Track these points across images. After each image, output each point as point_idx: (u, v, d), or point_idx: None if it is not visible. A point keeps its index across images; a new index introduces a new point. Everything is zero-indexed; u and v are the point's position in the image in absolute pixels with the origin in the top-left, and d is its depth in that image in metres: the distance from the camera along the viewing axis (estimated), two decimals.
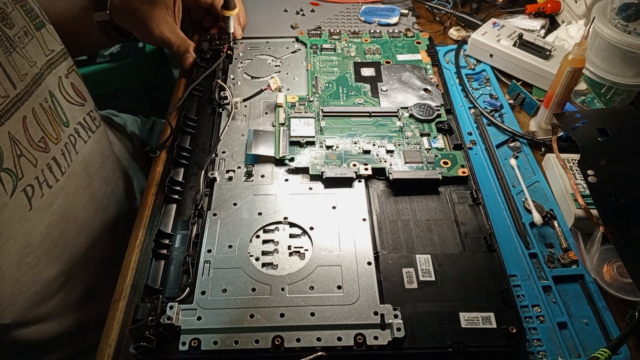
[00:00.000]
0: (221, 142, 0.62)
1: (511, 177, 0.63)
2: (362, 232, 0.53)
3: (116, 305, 0.50)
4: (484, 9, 0.92)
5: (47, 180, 0.61)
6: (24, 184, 0.57)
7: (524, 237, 0.56)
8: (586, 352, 0.48)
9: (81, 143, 0.68)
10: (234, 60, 0.75)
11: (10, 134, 0.56)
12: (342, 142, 0.62)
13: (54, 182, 0.62)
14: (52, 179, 0.61)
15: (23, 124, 0.58)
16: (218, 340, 0.44)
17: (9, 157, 0.55)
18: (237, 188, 0.58)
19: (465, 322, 0.46)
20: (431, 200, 0.57)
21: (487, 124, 0.70)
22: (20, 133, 0.57)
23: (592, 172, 0.56)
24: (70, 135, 0.65)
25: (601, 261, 0.54)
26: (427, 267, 0.50)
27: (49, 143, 0.61)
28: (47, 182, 0.61)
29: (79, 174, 0.66)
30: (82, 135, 0.68)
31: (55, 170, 0.62)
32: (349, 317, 0.46)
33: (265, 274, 0.50)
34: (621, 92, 0.71)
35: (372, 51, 0.77)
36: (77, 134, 0.67)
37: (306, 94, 0.70)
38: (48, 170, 0.61)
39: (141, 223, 0.57)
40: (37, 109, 0.60)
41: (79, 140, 0.67)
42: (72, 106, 0.67)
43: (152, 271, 0.50)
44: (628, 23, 0.66)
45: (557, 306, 0.51)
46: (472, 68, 0.79)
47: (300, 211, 0.55)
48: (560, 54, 0.74)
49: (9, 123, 0.55)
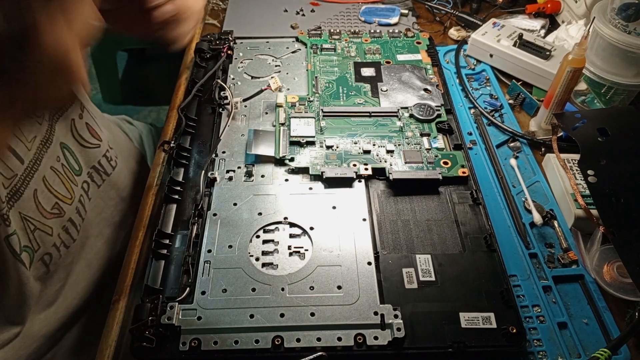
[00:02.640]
0: (221, 142, 0.62)
1: (511, 177, 0.63)
2: (362, 232, 0.53)
3: (116, 305, 0.50)
4: (484, 9, 0.92)
5: (64, 242, 0.56)
6: (41, 254, 0.53)
7: (524, 237, 0.56)
8: (586, 352, 0.48)
9: (94, 189, 0.61)
10: (234, 60, 0.75)
11: (21, 214, 0.50)
12: (342, 142, 0.62)
13: (71, 242, 0.57)
14: (69, 240, 0.57)
15: (34, 199, 0.51)
16: (218, 340, 0.44)
17: (23, 236, 0.50)
18: (237, 188, 0.58)
19: (465, 322, 0.46)
20: (431, 200, 0.57)
21: (487, 124, 0.70)
22: (33, 209, 0.51)
23: (592, 172, 0.56)
24: (84, 183, 0.59)
25: (601, 261, 0.54)
26: (427, 267, 0.50)
27: (63, 206, 0.55)
28: (64, 243, 0.56)
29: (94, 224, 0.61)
30: (95, 179, 0.61)
31: (71, 230, 0.57)
32: (349, 317, 0.46)
33: (265, 274, 0.50)
34: (621, 92, 0.71)
35: (372, 51, 0.77)
36: (90, 178, 0.61)
37: (306, 94, 0.70)
38: (65, 232, 0.56)
39: (141, 223, 0.57)
40: (49, 176, 0.53)
41: (92, 185, 0.61)
42: (87, 150, 0.60)
43: (152, 271, 0.50)
44: (628, 23, 0.66)
45: (557, 306, 0.51)
46: (472, 68, 0.79)
47: (300, 211, 0.55)
48: (560, 54, 0.74)
49: (19, 204, 0.49)
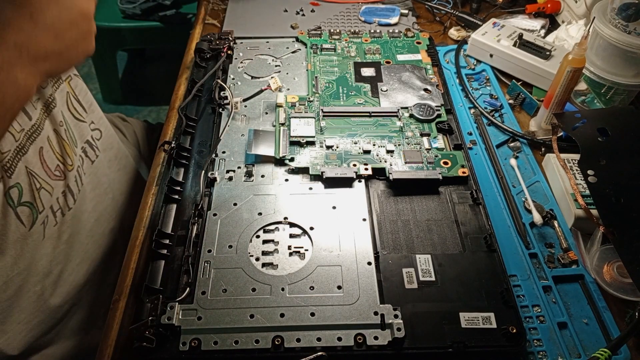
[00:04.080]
0: (221, 142, 0.62)
1: (511, 177, 0.63)
2: (362, 232, 0.53)
3: (116, 305, 0.50)
4: (484, 9, 0.92)
5: (61, 208, 0.58)
6: (43, 217, 0.55)
7: (524, 237, 0.56)
8: (586, 352, 0.48)
9: (88, 164, 0.64)
10: (234, 60, 0.75)
11: (27, 169, 0.53)
12: (342, 142, 0.62)
13: (67, 210, 0.59)
14: (65, 207, 0.59)
15: (40, 156, 0.54)
16: (218, 340, 0.44)
17: (28, 192, 0.53)
18: (237, 188, 0.58)
19: (465, 322, 0.46)
20: (431, 200, 0.57)
21: (487, 124, 0.70)
22: (38, 166, 0.54)
23: (592, 172, 0.56)
24: (79, 156, 0.62)
25: (601, 261, 0.53)
26: (427, 267, 0.50)
27: (64, 171, 0.58)
28: (61, 210, 0.58)
29: (88, 199, 0.63)
30: (89, 155, 0.64)
31: (69, 198, 0.59)
32: (349, 317, 0.46)
33: (265, 274, 0.50)
34: (621, 92, 0.71)
35: (372, 51, 0.77)
36: (84, 154, 0.63)
37: (306, 94, 0.70)
38: (63, 197, 0.58)
39: (141, 223, 0.57)
40: (52, 137, 0.57)
41: (86, 161, 0.64)
42: (80, 124, 0.63)
43: (152, 271, 0.50)
44: (628, 23, 0.66)
45: (557, 306, 0.51)
46: (472, 68, 0.79)
47: (300, 211, 0.55)
48: (560, 54, 0.74)
49: (26, 157, 0.52)
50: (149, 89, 1.82)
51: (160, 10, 1.39)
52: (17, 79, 0.43)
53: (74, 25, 0.47)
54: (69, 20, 0.46)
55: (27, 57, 0.44)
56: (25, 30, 0.43)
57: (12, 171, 0.51)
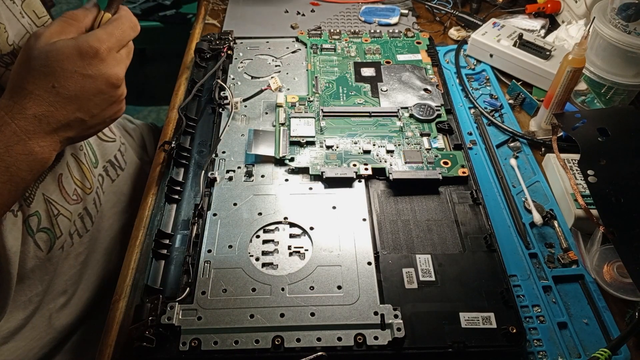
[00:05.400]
0: (221, 142, 0.62)
1: (511, 177, 0.63)
2: (362, 232, 0.53)
3: (116, 305, 0.50)
4: (484, 9, 0.92)
5: (78, 230, 0.57)
6: (62, 242, 0.55)
7: (524, 237, 0.56)
8: (586, 352, 0.48)
9: (108, 183, 0.62)
10: (234, 60, 0.75)
11: (45, 196, 0.51)
12: (342, 142, 0.62)
13: (85, 232, 0.58)
14: (83, 230, 0.58)
15: (59, 183, 0.53)
16: (218, 340, 0.44)
17: (46, 219, 0.52)
18: (237, 188, 0.57)
19: (465, 322, 0.46)
20: (431, 200, 0.57)
21: (487, 124, 0.70)
22: (57, 192, 0.53)
23: (592, 172, 0.56)
24: (99, 176, 0.61)
25: (601, 261, 0.53)
26: (427, 267, 0.50)
27: (82, 194, 0.57)
28: (78, 232, 0.57)
29: (106, 217, 0.63)
30: (110, 174, 0.63)
31: (86, 220, 0.58)
32: (349, 317, 0.46)
33: (265, 274, 0.50)
34: (621, 92, 0.71)
35: (372, 51, 0.77)
36: (105, 172, 0.62)
37: (306, 94, 0.70)
38: (80, 221, 0.57)
39: (141, 223, 0.57)
40: (71, 162, 0.55)
41: (106, 180, 0.62)
42: (104, 144, 0.62)
43: (152, 271, 0.50)
44: (628, 23, 0.66)
45: (557, 306, 0.51)
46: (472, 68, 0.79)
47: (300, 211, 0.55)
48: (560, 54, 0.74)
49: (44, 185, 0.51)
50: (149, 89, 1.82)
51: (160, 10, 1.40)
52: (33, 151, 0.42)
53: (99, 94, 0.45)
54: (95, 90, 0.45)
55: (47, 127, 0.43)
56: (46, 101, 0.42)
57: (31, 200, 0.50)
